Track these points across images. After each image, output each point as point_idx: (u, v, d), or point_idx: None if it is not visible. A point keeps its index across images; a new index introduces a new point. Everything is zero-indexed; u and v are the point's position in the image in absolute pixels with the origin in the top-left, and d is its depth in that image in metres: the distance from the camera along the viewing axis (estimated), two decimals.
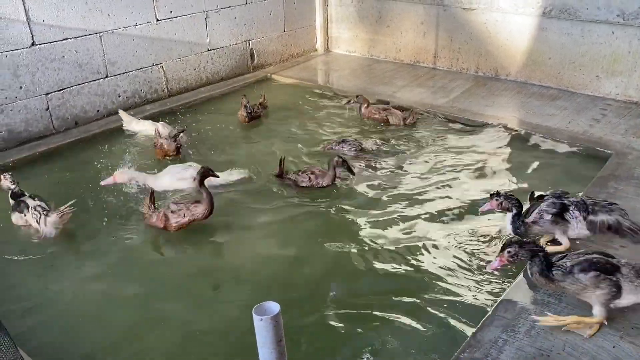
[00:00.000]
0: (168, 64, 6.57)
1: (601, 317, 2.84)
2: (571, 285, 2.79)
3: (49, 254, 3.87)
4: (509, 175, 4.77)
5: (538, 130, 5.48)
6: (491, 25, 6.88)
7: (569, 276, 2.78)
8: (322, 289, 3.49)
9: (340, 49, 8.55)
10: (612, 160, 4.80)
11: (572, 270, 2.78)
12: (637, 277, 2.75)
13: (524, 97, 6.41)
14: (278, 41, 7.94)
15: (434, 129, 5.74)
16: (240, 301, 3.38)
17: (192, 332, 3.19)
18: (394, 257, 3.75)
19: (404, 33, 7.73)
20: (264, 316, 1.94)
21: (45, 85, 5.51)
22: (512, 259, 2.84)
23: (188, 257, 3.92)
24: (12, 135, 5.38)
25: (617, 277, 2.75)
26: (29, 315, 3.33)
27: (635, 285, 2.74)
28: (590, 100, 6.22)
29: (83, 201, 4.47)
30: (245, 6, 7.26)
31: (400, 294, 3.40)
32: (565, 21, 6.30)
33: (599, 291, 2.76)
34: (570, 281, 2.78)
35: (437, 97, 6.51)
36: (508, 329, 2.94)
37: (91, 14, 5.68)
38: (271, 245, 3.97)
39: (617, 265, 2.79)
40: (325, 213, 4.31)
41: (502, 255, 2.86)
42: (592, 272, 2.75)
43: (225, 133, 5.81)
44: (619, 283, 2.74)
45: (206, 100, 6.71)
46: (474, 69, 7.25)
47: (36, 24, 5.29)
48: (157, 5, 6.24)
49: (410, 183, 4.70)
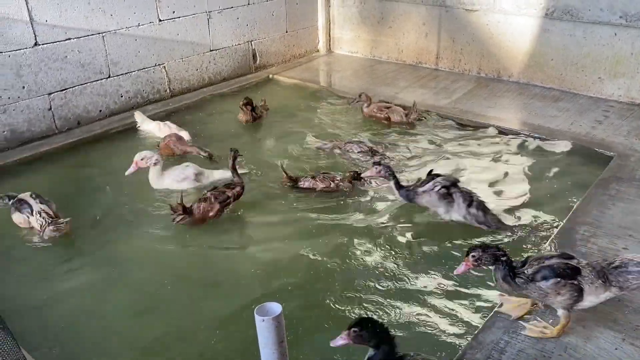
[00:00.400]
0: (170, 64, 6.58)
1: (565, 320, 2.83)
2: (533, 292, 2.80)
3: (50, 254, 3.88)
4: (510, 178, 4.76)
5: (540, 131, 5.47)
6: (493, 26, 6.87)
7: (531, 284, 2.78)
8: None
9: (343, 49, 8.55)
10: (615, 162, 4.79)
11: (533, 278, 2.78)
12: (597, 278, 2.74)
13: (526, 98, 6.41)
14: (280, 42, 7.94)
15: (434, 131, 5.73)
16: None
17: (193, 333, 3.20)
18: (403, 257, 3.76)
19: (406, 34, 7.73)
20: (265, 317, 1.94)
21: (48, 85, 5.52)
22: (476, 262, 2.82)
23: (189, 258, 3.93)
24: (15, 135, 5.39)
25: (578, 281, 2.73)
26: (32, 315, 3.34)
27: (595, 286, 2.73)
28: (593, 101, 6.21)
29: (83, 201, 4.48)
30: (247, 7, 7.27)
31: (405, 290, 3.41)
32: (568, 22, 6.30)
33: (560, 297, 2.75)
34: (532, 289, 2.79)
35: (439, 98, 6.50)
36: (510, 330, 2.94)
37: (94, 14, 5.69)
38: (276, 246, 3.98)
39: (578, 267, 2.77)
40: (336, 217, 4.31)
41: (467, 260, 2.84)
42: (552, 280, 2.74)
43: (228, 133, 5.81)
44: (580, 286, 2.73)
45: (208, 100, 6.72)
46: (476, 70, 7.25)
47: (39, 24, 5.30)
48: (160, 5, 6.25)
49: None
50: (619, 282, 2.72)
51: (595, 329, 2.92)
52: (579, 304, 2.77)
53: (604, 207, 4.07)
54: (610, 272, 2.74)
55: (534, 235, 3.94)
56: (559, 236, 3.74)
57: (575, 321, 2.94)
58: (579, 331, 2.91)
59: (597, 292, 2.74)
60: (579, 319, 2.97)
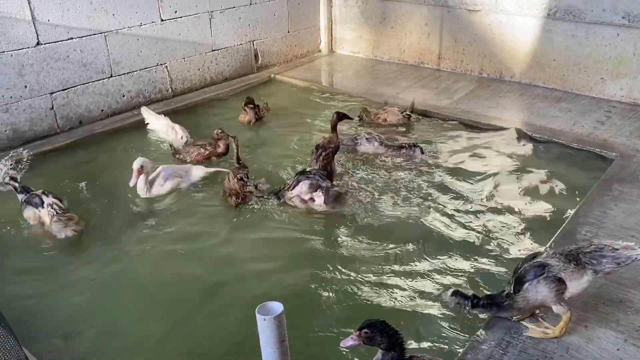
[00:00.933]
0: (172, 64, 6.59)
1: (565, 318, 2.83)
2: (523, 304, 2.83)
3: (53, 255, 3.88)
4: (511, 177, 4.75)
5: (542, 131, 5.46)
6: (495, 26, 6.87)
7: (516, 299, 2.82)
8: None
9: (344, 49, 8.55)
10: (617, 162, 4.78)
11: (514, 293, 2.82)
12: (568, 262, 2.75)
13: (528, 98, 6.40)
14: (282, 42, 7.94)
15: (433, 132, 5.73)
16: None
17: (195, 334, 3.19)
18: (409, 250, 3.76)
19: (408, 34, 7.73)
20: (267, 316, 1.94)
21: (50, 84, 5.53)
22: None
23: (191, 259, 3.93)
24: (17, 134, 5.40)
25: (549, 272, 2.74)
26: (34, 315, 3.34)
27: (570, 271, 2.74)
28: (595, 102, 6.20)
29: (85, 200, 4.49)
30: (249, 7, 7.27)
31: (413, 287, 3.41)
32: (570, 23, 6.29)
33: (542, 294, 2.76)
34: (520, 302, 2.82)
35: (440, 98, 6.50)
36: (511, 330, 2.94)
37: (96, 14, 5.70)
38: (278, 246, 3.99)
39: (542, 262, 2.78)
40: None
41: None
42: (525, 284, 2.77)
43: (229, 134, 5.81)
44: (556, 276, 2.73)
45: (210, 100, 6.72)
46: (478, 71, 7.24)
47: (41, 23, 5.31)
48: (162, 5, 6.25)
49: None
50: (592, 265, 2.73)
51: (597, 330, 2.91)
52: (566, 293, 2.76)
53: (606, 207, 4.06)
54: (583, 254, 2.76)
55: (535, 236, 3.94)
56: (560, 237, 3.73)
57: (576, 322, 2.94)
58: (580, 332, 2.90)
59: (575, 276, 2.74)
60: (581, 319, 2.97)
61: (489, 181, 4.69)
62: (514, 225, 4.08)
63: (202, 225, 4.20)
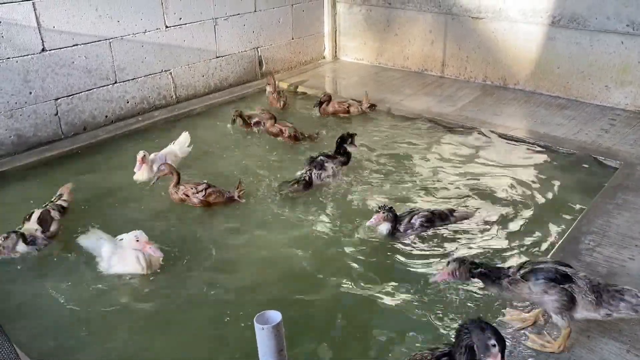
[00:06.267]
0: (176, 70, 6.62)
1: (565, 332, 2.79)
2: (523, 291, 2.79)
3: (43, 258, 3.88)
4: (514, 185, 4.73)
5: (546, 139, 5.45)
6: (499, 34, 6.87)
7: (521, 283, 2.78)
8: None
9: (348, 56, 8.57)
10: (621, 170, 4.76)
11: (525, 278, 2.78)
12: (592, 292, 2.69)
13: (532, 106, 6.38)
14: (286, 49, 7.97)
15: (432, 134, 5.73)
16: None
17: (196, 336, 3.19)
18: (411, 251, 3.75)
19: (412, 41, 7.74)
20: (265, 325, 1.93)
21: (55, 90, 5.56)
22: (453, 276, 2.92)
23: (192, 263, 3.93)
24: (22, 140, 5.43)
25: (570, 288, 2.70)
26: (28, 318, 3.35)
27: (588, 300, 2.69)
28: (599, 110, 6.18)
29: (89, 206, 4.50)
30: (254, 14, 7.30)
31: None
32: (574, 30, 6.28)
33: (547, 297, 2.72)
34: (522, 287, 2.78)
35: (444, 105, 6.49)
36: (513, 340, 2.92)
37: (101, 21, 5.74)
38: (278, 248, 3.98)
39: (569, 275, 2.74)
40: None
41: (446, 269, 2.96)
42: (541, 279, 2.73)
43: (232, 139, 5.83)
44: (572, 294, 2.69)
45: (214, 107, 6.74)
46: (482, 78, 7.23)
47: (47, 30, 5.35)
48: (167, 12, 6.29)
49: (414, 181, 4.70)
50: (609, 306, 2.68)
51: (600, 340, 2.89)
52: (571, 311, 2.72)
53: (610, 216, 4.04)
54: (605, 291, 2.70)
55: (539, 244, 3.92)
56: (564, 245, 3.71)
57: (579, 332, 2.92)
58: (583, 342, 2.88)
59: (588, 307, 2.69)
60: (583, 329, 2.94)
61: (488, 191, 4.68)
62: (516, 233, 4.06)
63: (200, 230, 4.21)
